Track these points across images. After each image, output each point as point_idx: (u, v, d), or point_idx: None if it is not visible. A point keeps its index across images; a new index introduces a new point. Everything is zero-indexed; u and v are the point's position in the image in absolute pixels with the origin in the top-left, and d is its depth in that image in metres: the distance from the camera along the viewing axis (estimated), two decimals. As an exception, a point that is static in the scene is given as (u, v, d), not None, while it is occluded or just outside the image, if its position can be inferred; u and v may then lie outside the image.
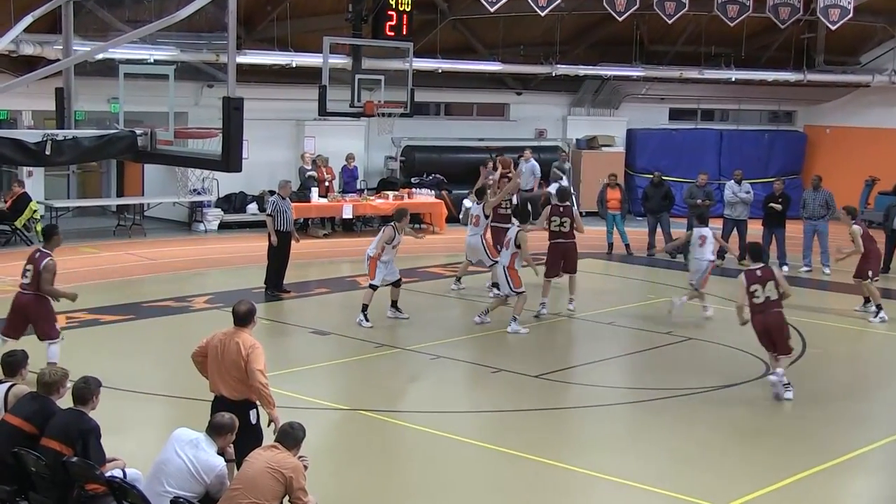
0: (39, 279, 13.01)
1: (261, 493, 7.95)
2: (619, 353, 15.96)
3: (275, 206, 18.72)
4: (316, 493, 8.37)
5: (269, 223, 18.66)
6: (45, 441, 8.59)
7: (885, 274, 22.51)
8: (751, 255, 13.96)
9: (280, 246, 18.73)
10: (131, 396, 13.02)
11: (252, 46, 25.17)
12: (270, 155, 26.55)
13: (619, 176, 27.76)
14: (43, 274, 12.99)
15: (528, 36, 29.47)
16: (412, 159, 29.11)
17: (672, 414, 13.19)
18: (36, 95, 16.52)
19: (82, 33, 14.26)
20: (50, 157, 9.25)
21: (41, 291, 13.09)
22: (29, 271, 13.12)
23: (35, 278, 13.05)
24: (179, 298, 18.42)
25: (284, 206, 18.71)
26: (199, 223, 26.38)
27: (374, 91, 22.61)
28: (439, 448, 11.84)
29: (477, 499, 10.53)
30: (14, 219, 23.31)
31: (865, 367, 16.19)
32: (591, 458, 11.57)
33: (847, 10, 28.22)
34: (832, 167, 30.31)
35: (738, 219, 23.08)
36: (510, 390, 14.11)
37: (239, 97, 8.82)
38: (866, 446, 12.06)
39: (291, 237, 18.90)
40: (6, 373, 9.53)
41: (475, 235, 18.66)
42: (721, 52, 31.15)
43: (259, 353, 9.46)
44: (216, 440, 8.49)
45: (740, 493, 10.47)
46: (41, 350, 12.69)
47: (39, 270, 13.00)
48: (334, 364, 15.33)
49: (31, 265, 13.12)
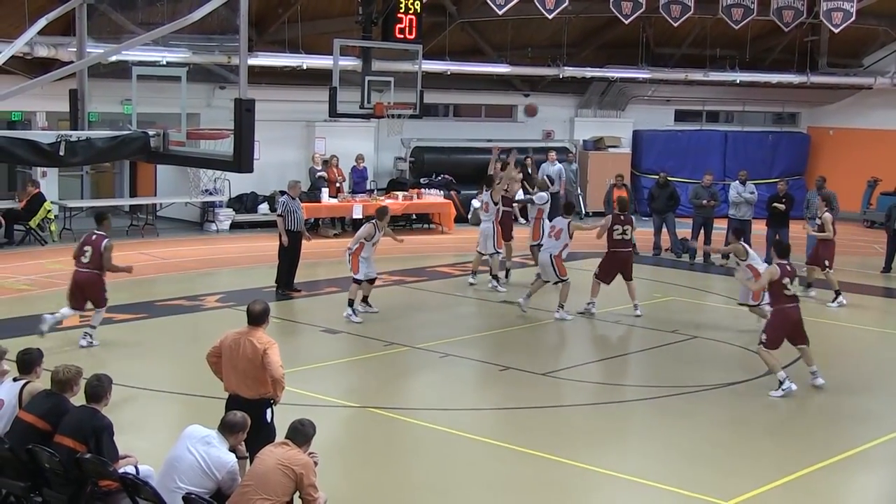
0: (100, 258, 14.73)
1: (272, 489, 7.99)
2: (625, 351, 16.04)
3: (285, 206, 18.83)
4: (326, 490, 8.39)
5: (280, 223, 18.78)
6: (59, 438, 8.63)
7: (886, 273, 22.69)
8: (779, 252, 14.20)
9: (291, 245, 18.85)
10: (144, 394, 13.10)
11: (263, 48, 25.30)
12: (281, 156, 26.72)
13: (626, 176, 27.96)
14: (104, 253, 14.73)
15: (536, 38, 29.62)
16: (421, 160, 29.23)
17: (678, 411, 13.25)
18: (50, 97, 16.61)
19: (96, 36, 14.25)
20: (64, 158, 9.30)
21: (102, 268, 14.85)
22: (87, 252, 14.78)
23: (94, 257, 14.75)
24: (191, 297, 18.51)
25: (294, 206, 18.84)
26: (210, 223, 26.52)
27: (383, 93, 22.67)
28: (448, 445, 11.89)
29: (485, 495, 10.56)
30: (29, 218, 23.48)
31: (866, 364, 16.23)
32: (598, 454, 11.61)
33: (850, 14, 28.36)
34: (835, 168, 30.33)
35: (742, 219, 23.14)
36: (518, 388, 14.14)
37: (250, 98, 8.87)
38: (869, 442, 12.14)
39: (302, 237, 19.02)
40: (21, 370, 9.57)
41: (487, 222, 19.60)
42: (726, 55, 31.29)
43: (276, 350, 9.59)
44: (228, 438, 8.51)
45: (745, 489, 10.52)
46: (54, 348, 12.81)
47: (100, 251, 14.70)
48: (344, 362, 15.40)
49: (89, 246, 14.81)
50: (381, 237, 17.31)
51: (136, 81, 10.59)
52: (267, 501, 7.97)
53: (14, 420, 9.07)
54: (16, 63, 20.01)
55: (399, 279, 20.85)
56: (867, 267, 23.50)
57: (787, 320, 13.78)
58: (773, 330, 13.83)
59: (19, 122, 24.44)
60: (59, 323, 14.85)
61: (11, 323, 16.09)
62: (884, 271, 22.92)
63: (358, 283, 17.16)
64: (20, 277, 19.88)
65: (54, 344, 14.20)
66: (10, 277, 19.89)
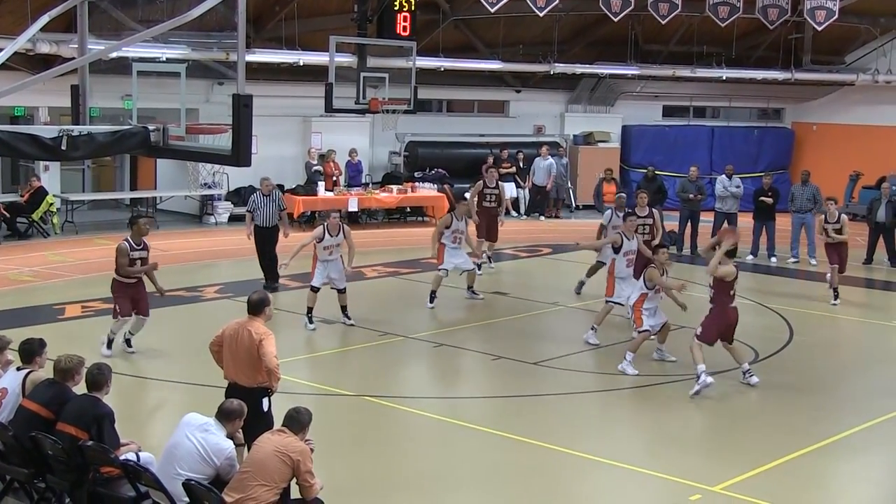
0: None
1: (269, 475, 8.10)
2: (614, 341, 16.08)
3: (253, 202, 18.76)
4: (321, 476, 8.50)
5: (248, 219, 18.71)
6: (61, 426, 8.73)
7: (867, 265, 22.95)
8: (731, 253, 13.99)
9: (262, 240, 18.73)
10: (145, 383, 13.28)
11: (261, 45, 25.48)
12: (279, 150, 26.89)
13: (615, 171, 28.16)
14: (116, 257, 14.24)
15: (528, 35, 29.75)
16: (415, 154, 29.36)
17: (666, 399, 13.44)
18: (52, 92, 16.63)
19: (97, 32, 14.25)
20: (65, 152, 9.22)
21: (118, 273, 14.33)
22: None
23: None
24: (191, 288, 18.64)
25: (264, 202, 18.62)
26: (209, 216, 26.73)
27: (378, 88, 22.78)
28: (442, 432, 12.05)
29: (478, 481, 10.68)
30: (31, 212, 23.67)
31: (849, 353, 16.45)
32: (587, 441, 11.77)
33: (833, 12, 28.72)
34: (818, 162, 30.56)
35: (728, 212, 23.43)
36: (510, 377, 14.31)
37: (248, 94, 8.84)
38: (851, 429, 12.34)
39: (276, 231, 18.77)
40: (24, 360, 9.64)
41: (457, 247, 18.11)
42: (712, 52, 31.47)
43: (271, 340, 9.72)
44: (225, 425, 8.59)
45: (731, 474, 10.71)
46: (57, 337, 12.94)
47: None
48: (340, 352, 15.52)
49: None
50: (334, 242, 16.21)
51: (136, 77, 10.39)
52: (264, 487, 8.07)
53: (18, 408, 9.18)
54: (18, 59, 20.09)
55: (393, 271, 21.03)
56: (850, 259, 23.34)
57: (726, 320, 13.77)
58: (711, 325, 13.75)
59: (22, 117, 24.55)
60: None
61: (15, 313, 16.28)
62: (865, 263, 23.23)
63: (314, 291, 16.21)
64: (23, 269, 20.06)
65: (55, 334, 14.37)
66: (14, 269, 20.06)
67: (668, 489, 10.46)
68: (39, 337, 10.02)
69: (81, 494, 8.66)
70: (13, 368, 9.71)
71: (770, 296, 19.56)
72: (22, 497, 9.29)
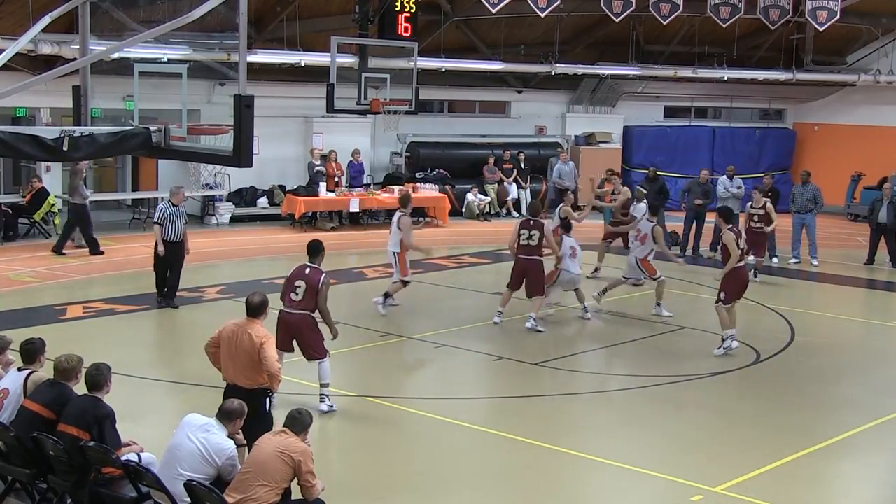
0: (316, 297, 12.12)
1: (270, 476, 8.15)
2: (615, 341, 16.09)
3: (162, 213, 17.19)
4: (323, 476, 8.52)
5: (157, 232, 17.14)
6: (63, 426, 8.74)
7: (869, 266, 22.96)
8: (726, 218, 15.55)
9: (168, 256, 17.20)
10: (146, 384, 13.26)
11: (262, 46, 25.47)
12: (280, 151, 26.98)
13: (616, 170, 28.08)
14: (322, 290, 12.13)
15: (529, 36, 29.79)
16: (417, 155, 29.37)
17: (667, 399, 13.43)
18: (54, 93, 16.69)
19: (98, 33, 14.33)
20: (67, 153, 9.28)
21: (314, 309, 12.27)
22: (300, 288, 12.18)
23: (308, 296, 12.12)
24: (192, 289, 18.61)
25: (174, 213, 17.19)
26: (211, 216, 26.68)
27: (380, 89, 22.82)
28: (443, 433, 12.04)
29: (479, 482, 10.69)
30: (33, 212, 23.66)
31: (851, 354, 16.41)
32: (590, 442, 11.79)
33: (834, 13, 28.77)
34: (820, 163, 30.68)
35: (730, 213, 23.44)
36: (512, 377, 14.34)
37: (250, 95, 8.89)
38: (853, 429, 12.34)
39: (181, 247, 17.34)
40: (25, 360, 9.65)
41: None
42: (714, 52, 31.56)
43: (272, 343, 9.81)
44: (226, 425, 8.61)
45: (733, 474, 10.71)
46: (57, 338, 12.95)
47: (317, 288, 12.09)
48: (341, 352, 15.33)
49: (302, 281, 12.17)
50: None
51: (137, 78, 10.51)
52: (266, 488, 8.11)
53: (19, 409, 9.17)
54: (20, 60, 20.09)
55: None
56: (851, 259, 23.80)
57: (741, 277, 15.22)
58: (731, 288, 15.00)
59: (23, 118, 24.53)
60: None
61: (16, 314, 16.28)
62: (867, 263, 23.25)
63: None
64: (25, 270, 20.07)
65: (56, 335, 14.39)
66: (15, 270, 20.06)
67: (670, 489, 10.46)
68: (39, 337, 9.99)
69: (83, 495, 8.67)
70: (14, 369, 9.71)
71: (771, 296, 19.54)
72: (24, 498, 9.29)
